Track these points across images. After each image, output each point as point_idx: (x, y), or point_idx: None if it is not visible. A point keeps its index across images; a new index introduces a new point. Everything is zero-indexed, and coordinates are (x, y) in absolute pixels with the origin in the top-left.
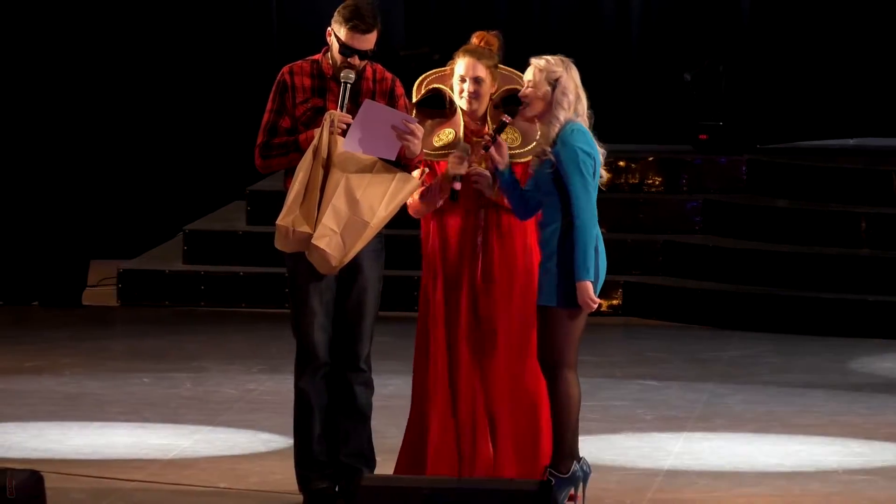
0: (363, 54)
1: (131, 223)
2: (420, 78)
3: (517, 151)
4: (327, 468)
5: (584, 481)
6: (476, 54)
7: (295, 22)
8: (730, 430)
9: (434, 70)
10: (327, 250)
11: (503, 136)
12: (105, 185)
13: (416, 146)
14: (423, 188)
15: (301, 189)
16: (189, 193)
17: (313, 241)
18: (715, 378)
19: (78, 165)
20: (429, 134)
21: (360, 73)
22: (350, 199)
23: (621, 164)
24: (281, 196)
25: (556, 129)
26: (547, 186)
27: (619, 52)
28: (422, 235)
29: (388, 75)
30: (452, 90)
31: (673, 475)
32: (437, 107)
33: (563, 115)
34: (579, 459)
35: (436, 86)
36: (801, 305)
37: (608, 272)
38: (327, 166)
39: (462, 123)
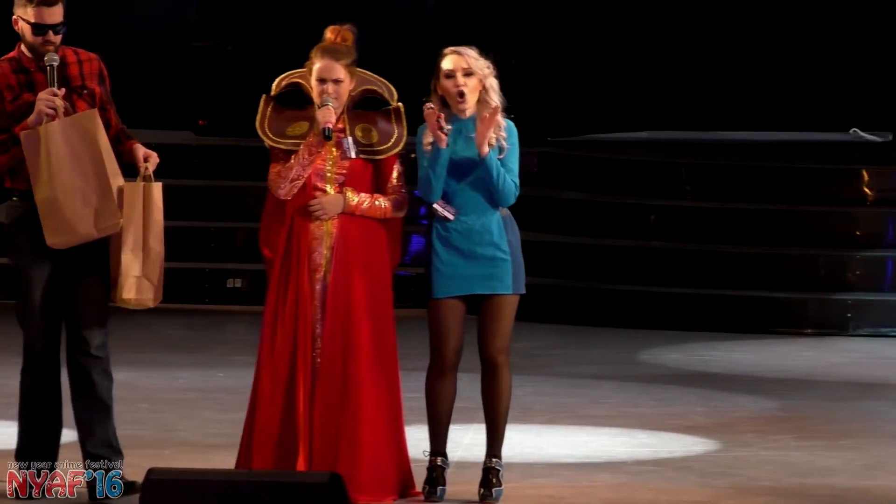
0: (57, 28)
1: None
2: (281, 76)
3: (378, 148)
4: (54, 458)
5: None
6: (334, 54)
7: None
8: (519, 421)
9: (294, 70)
10: (140, 297)
11: (358, 133)
12: None
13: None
14: (283, 168)
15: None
16: None
17: (124, 296)
18: None
19: None
20: (283, 125)
21: (63, 60)
22: (136, 241)
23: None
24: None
25: (499, 115)
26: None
27: (415, 44)
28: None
29: (93, 55)
30: (312, 88)
31: (462, 467)
32: (295, 102)
33: (499, 100)
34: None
35: (296, 80)
36: (591, 297)
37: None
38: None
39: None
